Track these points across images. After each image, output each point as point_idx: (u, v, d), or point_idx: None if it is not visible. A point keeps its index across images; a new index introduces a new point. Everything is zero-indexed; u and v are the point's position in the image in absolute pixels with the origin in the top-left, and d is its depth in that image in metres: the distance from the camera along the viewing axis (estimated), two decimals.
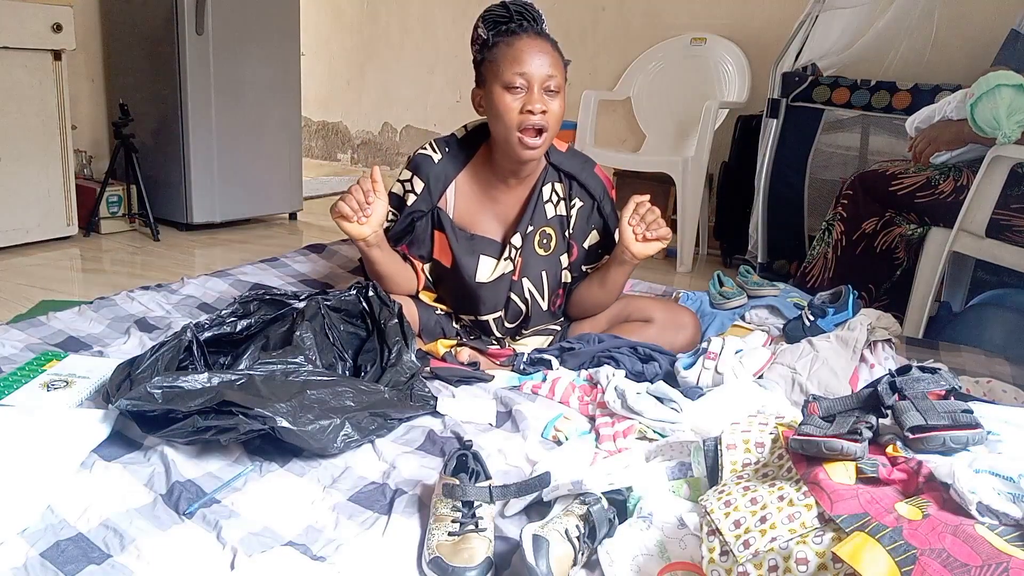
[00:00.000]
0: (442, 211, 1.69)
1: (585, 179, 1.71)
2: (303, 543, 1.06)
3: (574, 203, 1.72)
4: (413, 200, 1.68)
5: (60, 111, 2.76)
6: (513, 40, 1.52)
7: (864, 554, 0.72)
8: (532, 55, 1.50)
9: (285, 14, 3.28)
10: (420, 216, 1.69)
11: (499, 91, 1.51)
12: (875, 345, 1.68)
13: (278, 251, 2.70)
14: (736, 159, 3.03)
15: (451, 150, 1.69)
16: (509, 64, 1.50)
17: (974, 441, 0.89)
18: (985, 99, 1.84)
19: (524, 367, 1.67)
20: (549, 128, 1.53)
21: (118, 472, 1.19)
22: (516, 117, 1.51)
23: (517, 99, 1.51)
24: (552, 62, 1.52)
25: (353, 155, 4.87)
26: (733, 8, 3.26)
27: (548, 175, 1.70)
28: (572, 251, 1.75)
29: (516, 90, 1.50)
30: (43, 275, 2.47)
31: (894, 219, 2.11)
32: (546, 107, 1.51)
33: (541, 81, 1.50)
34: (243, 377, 1.31)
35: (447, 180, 1.68)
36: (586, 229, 1.74)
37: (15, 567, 0.97)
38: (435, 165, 1.67)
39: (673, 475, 1.15)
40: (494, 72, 1.52)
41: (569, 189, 1.72)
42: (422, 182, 1.67)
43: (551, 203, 1.71)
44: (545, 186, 1.70)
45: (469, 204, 1.70)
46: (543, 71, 1.50)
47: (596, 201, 1.73)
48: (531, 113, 1.50)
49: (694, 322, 1.80)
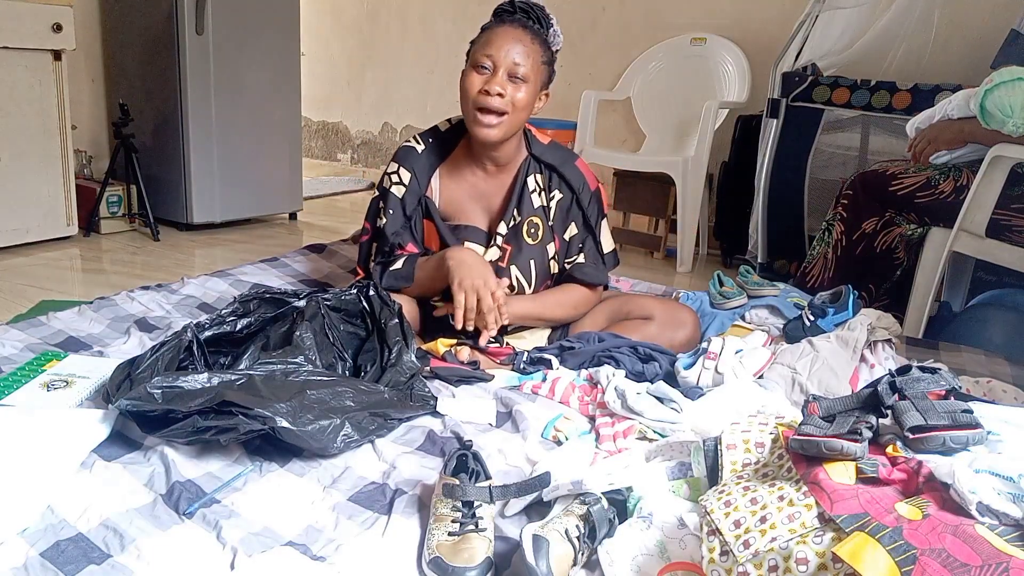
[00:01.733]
0: (429, 200, 1.73)
1: (565, 171, 1.75)
2: (303, 543, 1.06)
3: (553, 195, 1.76)
4: (402, 191, 1.72)
5: (60, 111, 2.75)
6: (494, 27, 1.59)
7: (864, 554, 0.72)
8: (504, 40, 1.56)
9: (285, 14, 3.28)
10: (413, 207, 1.73)
11: (468, 70, 1.60)
12: (875, 345, 1.68)
13: (278, 251, 2.70)
14: (736, 159, 3.03)
15: (434, 141, 1.75)
16: (481, 46, 1.58)
17: (974, 441, 0.89)
18: (1004, 87, 1.84)
19: (524, 366, 1.67)
20: (510, 113, 1.58)
21: (118, 472, 1.19)
22: (475, 95, 1.57)
23: (480, 79, 1.57)
24: (524, 51, 1.57)
25: (353, 155, 4.86)
26: (733, 8, 3.26)
27: (531, 166, 1.75)
28: (555, 242, 1.78)
29: (482, 70, 1.57)
30: (43, 275, 2.47)
31: (894, 219, 2.11)
32: (504, 91, 1.55)
33: (507, 67, 1.56)
34: (243, 377, 1.31)
35: (431, 169, 1.73)
36: (565, 221, 1.77)
37: (15, 567, 0.97)
38: (419, 156, 1.73)
39: (673, 475, 1.15)
40: (471, 55, 1.61)
41: (549, 180, 1.76)
42: (408, 172, 1.71)
43: (535, 193, 1.75)
44: (529, 177, 1.74)
45: (452, 193, 1.75)
46: (510, 57, 1.55)
47: (575, 194, 1.76)
48: (487, 93, 1.55)
49: (694, 319, 1.81)
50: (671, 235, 3.23)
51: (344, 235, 2.90)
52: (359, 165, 4.83)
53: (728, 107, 3.12)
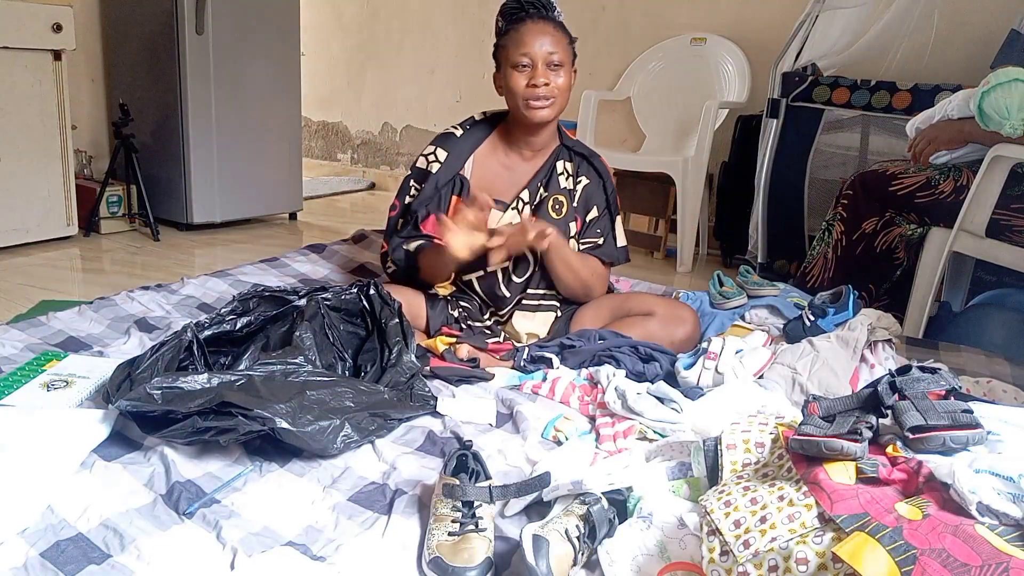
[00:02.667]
0: (464, 178, 1.85)
1: (594, 161, 1.92)
2: (303, 543, 1.06)
3: (580, 180, 1.89)
4: (438, 168, 1.83)
5: (60, 111, 2.76)
6: (519, 26, 1.72)
7: (864, 554, 0.72)
8: (534, 36, 1.70)
9: (285, 14, 3.28)
10: (444, 183, 1.83)
11: (509, 71, 1.73)
12: (875, 345, 1.68)
13: (278, 251, 2.70)
14: (736, 159, 3.03)
15: (472, 128, 1.89)
16: (515, 47, 1.71)
17: (974, 441, 0.89)
18: (1001, 89, 1.84)
19: (524, 364, 1.67)
20: (557, 97, 1.73)
21: (118, 472, 1.19)
22: (524, 90, 1.71)
23: (524, 76, 1.71)
24: (553, 40, 1.71)
25: (353, 155, 4.86)
26: (733, 8, 3.26)
27: (561, 153, 1.89)
28: (577, 222, 1.88)
29: (523, 68, 1.71)
30: (43, 275, 2.47)
31: (894, 219, 2.11)
32: (549, 80, 1.70)
33: (544, 58, 1.70)
34: (243, 378, 1.31)
35: (468, 151, 1.86)
36: (588, 205, 1.89)
37: (15, 567, 0.97)
38: (457, 139, 1.86)
39: (673, 475, 1.15)
40: (505, 56, 1.74)
41: (578, 168, 1.90)
42: (445, 152, 1.83)
43: (563, 176, 1.88)
44: (559, 162, 1.88)
45: (485, 172, 1.86)
46: (544, 49, 1.70)
47: (602, 180, 1.91)
48: (535, 87, 1.70)
49: (694, 317, 1.83)
50: (671, 235, 3.23)
51: (344, 235, 2.90)
52: (359, 165, 4.83)
53: (728, 107, 3.12)
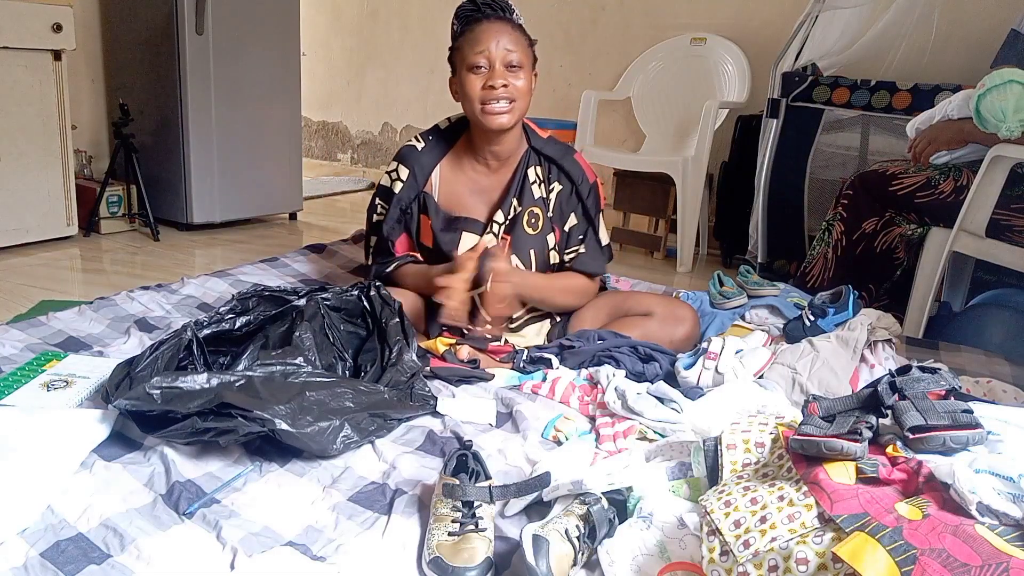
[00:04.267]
0: (428, 195, 1.78)
1: (565, 163, 1.80)
2: (303, 543, 1.06)
3: (553, 187, 1.80)
4: (400, 187, 1.76)
5: (60, 111, 2.75)
6: (475, 26, 1.64)
7: (864, 554, 0.72)
8: (491, 36, 1.62)
9: (285, 14, 3.27)
10: (408, 203, 1.78)
11: (465, 74, 1.64)
12: (875, 345, 1.68)
13: (278, 251, 2.70)
14: (736, 159, 3.03)
15: (434, 139, 1.80)
16: (471, 47, 1.63)
17: (974, 441, 0.89)
18: (996, 91, 1.84)
19: (524, 365, 1.67)
20: (517, 100, 1.64)
21: (118, 472, 1.19)
22: (480, 93, 1.63)
23: (480, 77, 1.63)
24: (511, 40, 1.63)
25: (353, 155, 4.86)
26: (733, 8, 3.26)
27: (530, 159, 1.79)
28: (555, 232, 1.81)
29: (479, 70, 1.62)
30: (43, 275, 2.47)
31: (894, 219, 2.11)
32: (507, 81, 1.62)
33: (501, 58, 1.62)
34: (242, 378, 1.31)
35: (431, 166, 1.78)
36: (565, 212, 1.81)
37: (15, 567, 0.97)
38: (420, 153, 1.77)
39: (673, 475, 1.15)
40: (461, 58, 1.66)
41: (548, 172, 1.80)
42: (407, 169, 1.76)
43: (536, 184, 1.79)
44: (530, 168, 1.78)
45: (452, 187, 1.79)
46: (502, 48, 1.62)
47: (575, 185, 1.80)
48: (492, 88, 1.61)
49: (693, 316, 1.82)
50: (671, 235, 3.23)
51: (344, 235, 2.90)
52: (359, 165, 4.83)
53: (728, 107, 3.11)
